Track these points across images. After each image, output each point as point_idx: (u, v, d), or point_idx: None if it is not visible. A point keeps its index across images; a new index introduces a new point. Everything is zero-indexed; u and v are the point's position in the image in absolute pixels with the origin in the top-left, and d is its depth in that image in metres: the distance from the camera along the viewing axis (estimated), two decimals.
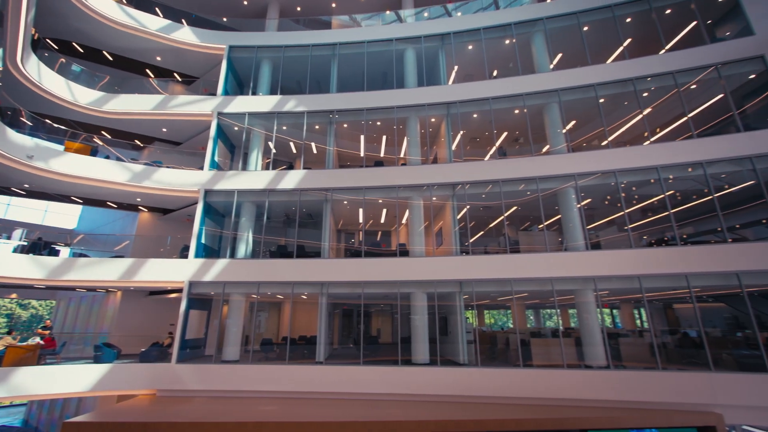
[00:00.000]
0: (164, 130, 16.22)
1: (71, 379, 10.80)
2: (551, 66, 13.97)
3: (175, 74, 17.97)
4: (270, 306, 18.24)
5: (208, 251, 13.83)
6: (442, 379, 10.89)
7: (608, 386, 10.05)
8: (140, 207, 16.35)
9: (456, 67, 15.66)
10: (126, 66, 17.38)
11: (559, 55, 14.88)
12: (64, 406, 18.68)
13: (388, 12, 18.61)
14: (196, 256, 12.92)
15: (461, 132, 14.48)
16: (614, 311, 23.00)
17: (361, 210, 15.28)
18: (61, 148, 13.97)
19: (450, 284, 12.03)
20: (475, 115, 14.41)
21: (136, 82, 16.90)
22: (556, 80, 13.31)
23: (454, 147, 14.02)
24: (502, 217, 12.74)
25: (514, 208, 13.71)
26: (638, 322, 20.48)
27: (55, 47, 15.93)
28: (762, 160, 10.87)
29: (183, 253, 13.83)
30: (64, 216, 30.19)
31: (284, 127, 15.27)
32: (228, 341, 12.53)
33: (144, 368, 11.56)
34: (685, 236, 12.32)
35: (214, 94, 15.47)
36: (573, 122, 14.27)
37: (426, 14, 17.50)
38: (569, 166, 12.27)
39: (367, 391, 11.04)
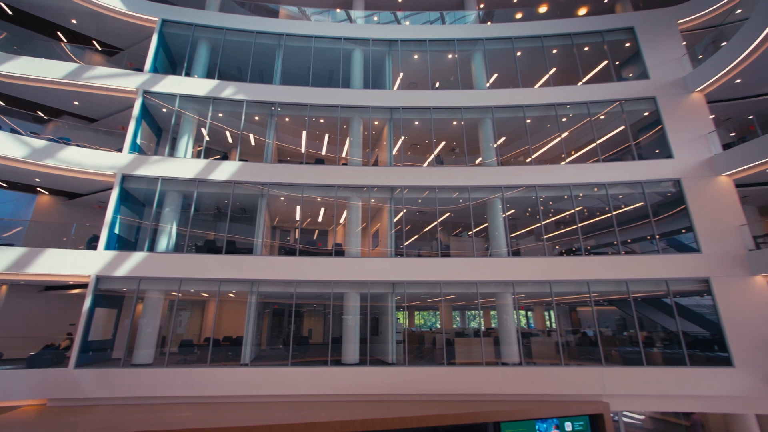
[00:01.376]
0: (76, 103, 14.32)
1: None
2: (487, 84, 14.99)
3: (95, 42, 15.98)
4: (193, 305, 16.98)
5: (123, 243, 12.49)
6: (370, 379, 11.06)
7: (520, 381, 11.03)
8: (39, 189, 14.22)
9: (401, 74, 16.08)
10: (30, 24, 15.04)
11: (495, 75, 16.04)
12: None
13: (338, 10, 18.48)
14: (108, 247, 11.61)
15: (402, 137, 14.89)
16: (529, 313, 25.30)
17: (298, 207, 14.94)
18: None
19: (383, 285, 12.29)
20: (416, 123, 14.93)
21: (44, 44, 14.68)
22: (491, 98, 14.32)
23: (395, 151, 14.36)
24: (436, 223, 13.36)
25: (447, 214, 14.45)
26: (548, 323, 22.77)
27: None
28: (649, 185, 12.80)
29: (91, 244, 12.32)
30: None
31: (220, 115, 14.39)
32: (141, 343, 11.42)
33: (32, 374, 10.06)
34: (588, 247, 14.01)
35: (140, 69, 14.04)
36: (503, 138, 15.47)
37: (376, 18, 17.72)
38: (498, 178, 13.26)
39: (294, 392, 10.82)
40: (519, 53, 15.34)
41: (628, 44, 14.99)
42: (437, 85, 16.91)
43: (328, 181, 13.25)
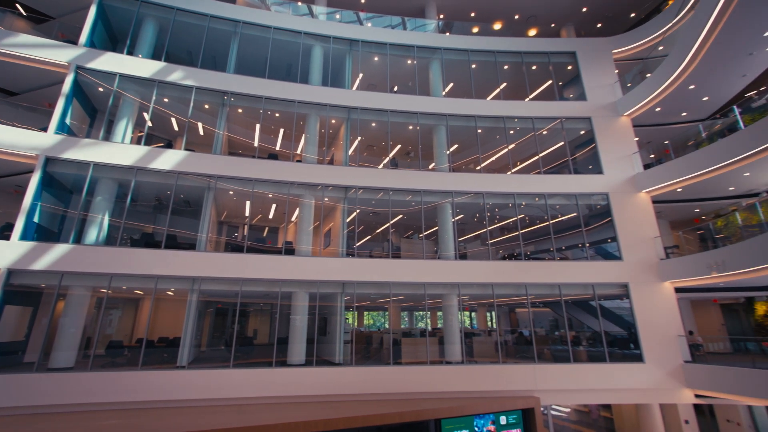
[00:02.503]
0: None
1: None
2: (443, 92, 15.52)
3: (18, 6, 14.21)
4: (125, 303, 15.67)
5: (43, 234, 11.24)
6: (317, 380, 10.97)
7: (462, 379, 11.55)
8: None
9: (361, 75, 16.13)
10: None
11: (451, 84, 16.64)
12: None
13: (300, 3, 18.11)
14: (25, 237, 10.37)
15: (359, 138, 14.94)
16: (472, 314, 26.52)
17: (248, 203, 14.41)
18: None
19: (333, 285, 12.24)
20: (373, 124, 15.05)
21: None
22: (446, 106, 14.85)
23: (351, 151, 14.37)
24: (388, 224, 13.57)
25: (400, 216, 14.73)
26: (490, 323, 24.03)
27: None
28: (582, 198, 14.03)
29: (3, 233, 10.94)
30: None
31: (165, 100, 13.47)
32: (61, 345, 10.33)
33: None
34: (528, 253, 15.03)
35: (74, 42, 12.72)
36: (456, 145, 16.10)
37: (338, 16, 17.58)
38: (449, 183, 13.78)
39: (237, 395, 10.42)
40: (474, 65, 16.06)
41: (570, 67, 16.31)
42: (396, 89, 17.17)
43: (281, 177, 12.93)
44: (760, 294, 13.82)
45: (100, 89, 12.79)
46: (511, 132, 15.19)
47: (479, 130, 14.91)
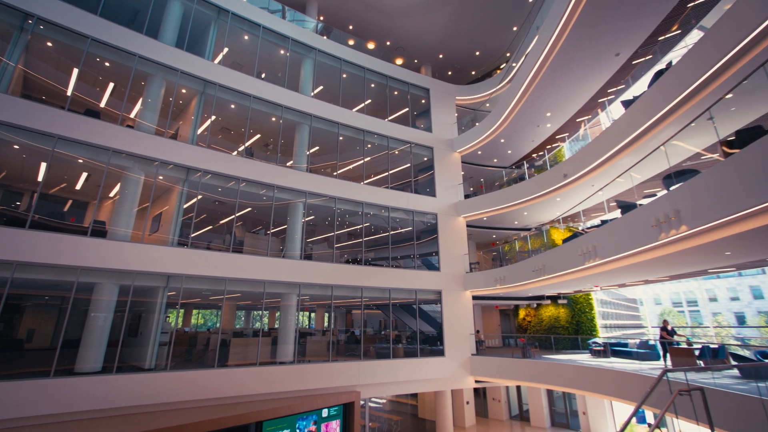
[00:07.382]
0: None
1: None
2: (312, 93, 15.60)
3: None
4: None
5: None
6: (118, 389, 9.25)
7: (292, 378, 11.62)
8: None
9: (226, 49, 14.68)
10: None
11: (321, 87, 16.87)
12: None
13: None
14: None
15: (214, 117, 13.55)
16: (312, 314, 26.97)
17: (44, 165, 11.11)
18: None
19: (155, 277, 10.62)
20: (232, 106, 13.90)
21: None
22: (313, 106, 14.97)
23: (201, 130, 12.87)
24: (234, 216, 12.68)
25: (249, 209, 13.95)
26: (327, 323, 24.90)
27: None
28: (418, 215, 16.26)
29: None
30: None
31: None
32: None
33: None
34: (369, 259, 16.40)
35: None
36: (317, 147, 16.36)
37: None
38: (305, 184, 13.87)
39: None
40: (345, 75, 16.74)
41: (423, 101, 18.80)
42: (263, 75, 16.28)
43: (101, 141, 10.54)
44: (522, 302, 18.76)
45: None
46: (369, 146, 16.41)
47: (341, 138, 15.57)
